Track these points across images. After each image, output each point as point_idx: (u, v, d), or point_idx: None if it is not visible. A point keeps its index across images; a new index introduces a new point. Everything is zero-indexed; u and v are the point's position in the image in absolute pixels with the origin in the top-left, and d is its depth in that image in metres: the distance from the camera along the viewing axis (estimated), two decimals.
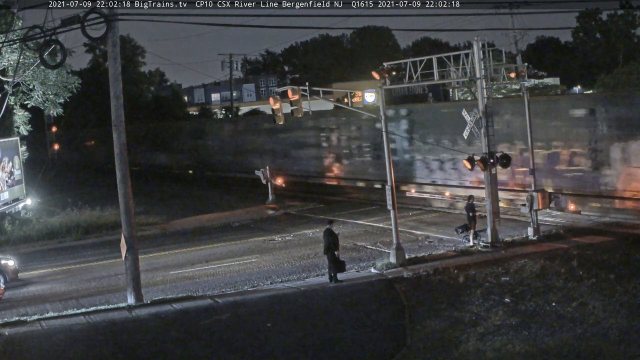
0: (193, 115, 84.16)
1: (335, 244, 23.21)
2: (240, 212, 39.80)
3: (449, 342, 17.35)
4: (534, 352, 16.19)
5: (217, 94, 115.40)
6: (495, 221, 26.56)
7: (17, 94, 38.98)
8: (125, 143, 22.74)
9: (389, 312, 20.32)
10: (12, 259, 27.04)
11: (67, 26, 22.13)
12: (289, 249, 29.28)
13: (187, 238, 34.09)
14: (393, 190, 25.16)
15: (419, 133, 38.44)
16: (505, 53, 33.15)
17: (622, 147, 28.60)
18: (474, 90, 35.34)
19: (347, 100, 28.88)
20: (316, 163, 48.40)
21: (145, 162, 70.36)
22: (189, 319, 20.47)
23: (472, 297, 20.36)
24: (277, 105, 26.67)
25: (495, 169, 26.67)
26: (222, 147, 61.30)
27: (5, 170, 37.98)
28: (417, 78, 27.28)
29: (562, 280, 21.01)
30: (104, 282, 26.40)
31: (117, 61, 22.46)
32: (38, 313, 21.88)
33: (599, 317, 17.84)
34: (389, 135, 25.91)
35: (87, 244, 34.18)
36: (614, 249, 24.02)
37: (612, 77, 55.03)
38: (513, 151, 31.08)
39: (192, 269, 27.07)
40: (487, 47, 26.63)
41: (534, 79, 32.46)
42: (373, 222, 33.41)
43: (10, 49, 35.64)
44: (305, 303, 21.34)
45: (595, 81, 63.13)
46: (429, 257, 25.62)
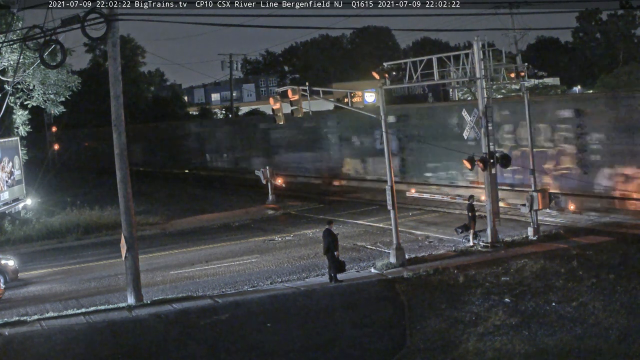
0: (193, 115, 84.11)
1: (334, 245, 23.21)
2: (240, 212, 39.78)
3: (449, 342, 17.36)
4: (534, 352, 16.20)
5: (217, 94, 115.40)
6: (495, 221, 26.56)
7: (17, 93, 38.99)
8: (125, 143, 22.73)
9: (389, 312, 20.32)
10: (12, 259, 27.05)
11: (67, 26, 22.11)
12: (289, 249, 29.28)
13: (187, 238, 34.08)
14: (393, 190, 25.15)
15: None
16: (505, 53, 33.09)
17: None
18: (474, 90, 35.30)
19: (347, 100, 28.87)
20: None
21: (145, 162, 70.34)
22: (189, 319, 20.46)
23: (472, 297, 20.36)
24: (277, 105, 26.66)
25: (495, 169, 26.67)
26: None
27: (5, 170, 37.99)
28: (417, 78, 27.27)
29: (562, 280, 21.01)
30: (104, 282, 26.40)
31: (117, 61, 22.46)
32: (38, 313, 21.88)
33: (599, 317, 17.85)
34: (389, 135, 25.90)
35: (87, 244, 34.17)
36: (614, 249, 24.03)
37: (613, 77, 55.07)
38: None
39: (192, 269, 27.07)
40: (487, 47, 26.62)
41: (534, 79, 32.26)
42: (373, 222, 33.40)
43: (10, 49, 35.63)
44: (305, 303, 21.34)
45: (595, 81, 63.20)
46: (429, 257, 25.61)
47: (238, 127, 61.14)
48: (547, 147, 32.47)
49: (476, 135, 27.10)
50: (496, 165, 26.46)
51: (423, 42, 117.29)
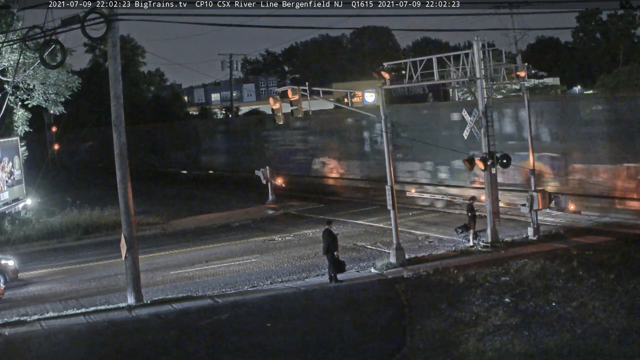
0: (193, 115, 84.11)
1: (334, 245, 23.21)
2: (240, 212, 39.78)
3: (449, 342, 17.36)
4: (534, 352, 16.20)
5: (217, 94, 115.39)
6: (495, 221, 26.56)
7: (17, 93, 39.00)
8: (125, 143, 22.73)
9: (389, 312, 20.32)
10: (12, 259, 27.05)
11: (67, 26, 22.11)
12: (289, 249, 29.28)
13: (187, 238, 34.08)
14: (393, 190, 25.16)
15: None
16: (505, 53, 33.13)
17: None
18: (474, 90, 35.34)
19: (347, 100, 28.87)
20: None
21: (145, 162, 70.32)
22: (189, 319, 20.46)
23: (472, 297, 20.37)
24: (277, 105, 26.66)
25: (495, 169, 26.68)
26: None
27: (5, 170, 37.97)
28: (417, 78, 27.29)
29: (562, 280, 21.02)
30: (104, 282, 26.40)
31: (117, 61, 22.46)
32: (38, 313, 21.88)
33: (599, 317, 17.86)
34: (388, 135, 25.91)
35: (87, 244, 34.16)
36: (614, 249, 24.02)
37: (613, 77, 55.02)
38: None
39: (192, 269, 27.07)
40: (487, 47, 26.64)
41: (533, 79, 32.44)
42: (373, 222, 33.41)
43: (10, 49, 35.64)
44: (305, 303, 21.34)
45: (595, 81, 63.18)
46: (429, 257, 25.61)
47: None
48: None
49: (476, 135, 27.09)
50: (496, 165, 26.49)
51: (423, 42, 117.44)
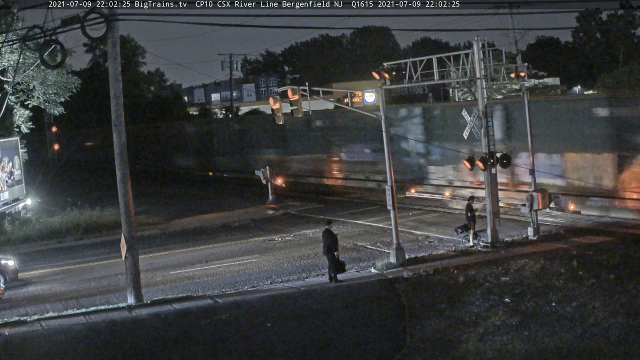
0: (193, 115, 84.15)
1: (334, 245, 23.21)
2: (240, 212, 39.77)
3: (449, 342, 17.36)
4: (534, 352, 16.21)
5: (217, 94, 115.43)
6: (495, 221, 26.56)
7: (17, 93, 39.00)
8: (125, 143, 22.73)
9: (389, 312, 20.33)
10: (12, 259, 27.04)
11: (67, 26, 22.10)
12: (289, 249, 29.27)
13: (187, 238, 34.06)
14: (393, 191, 25.15)
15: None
16: (505, 53, 33.05)
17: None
18: (474, 90, 35.35)
19: (347, 100, 28.86)
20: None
21: (145, 162, 70.36)
22: (189, 319, 20.46)
23: (472, 297, 20.37)
24: (277, 105, 26.65)
25: (495, 168, 26.67)
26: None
27: (5, 170, 37.98)
28: (417, 78, 27.27)
29: (562, 280, 21.01)
30: (104, 282, 26.40)
31: (117, 61, 22.46)
32: (38, 313, 21.87)
33: (599, 317, 17.85)
34: (389, 135, 25.91)
35: (87, 244, 34.15)
36: (614, 249, 24.02)
37: (613, 77, 55.01)
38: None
39: (192, 269, 27.07)
40: (487, 47, 26.61)
41: (534, 79, 32.36)
42: (373, 222, 33.40)
43: (10, 49, 35.66)
44: (305, 303, 21.35)
45: (595, 81, 63.18)
46: (429, 257, 25.61)
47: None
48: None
49: (476, 135, 27.09)
50: (496, 165, 26.49)
51: (423, 42, 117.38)
